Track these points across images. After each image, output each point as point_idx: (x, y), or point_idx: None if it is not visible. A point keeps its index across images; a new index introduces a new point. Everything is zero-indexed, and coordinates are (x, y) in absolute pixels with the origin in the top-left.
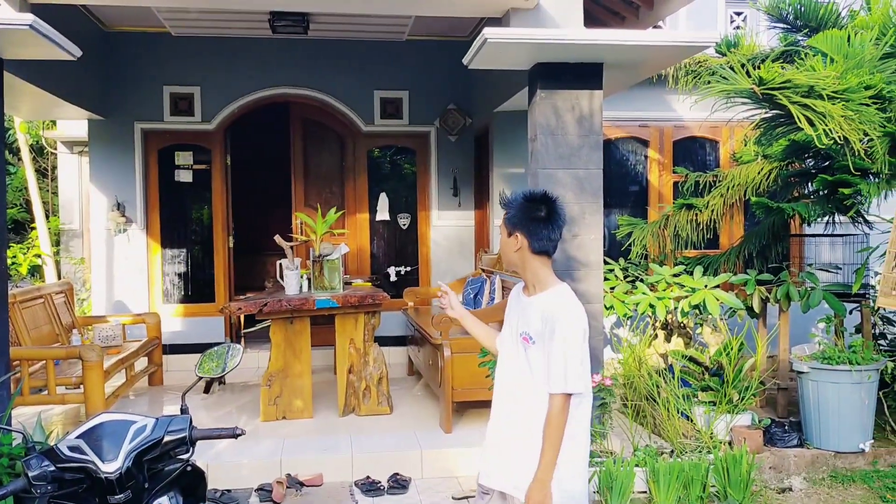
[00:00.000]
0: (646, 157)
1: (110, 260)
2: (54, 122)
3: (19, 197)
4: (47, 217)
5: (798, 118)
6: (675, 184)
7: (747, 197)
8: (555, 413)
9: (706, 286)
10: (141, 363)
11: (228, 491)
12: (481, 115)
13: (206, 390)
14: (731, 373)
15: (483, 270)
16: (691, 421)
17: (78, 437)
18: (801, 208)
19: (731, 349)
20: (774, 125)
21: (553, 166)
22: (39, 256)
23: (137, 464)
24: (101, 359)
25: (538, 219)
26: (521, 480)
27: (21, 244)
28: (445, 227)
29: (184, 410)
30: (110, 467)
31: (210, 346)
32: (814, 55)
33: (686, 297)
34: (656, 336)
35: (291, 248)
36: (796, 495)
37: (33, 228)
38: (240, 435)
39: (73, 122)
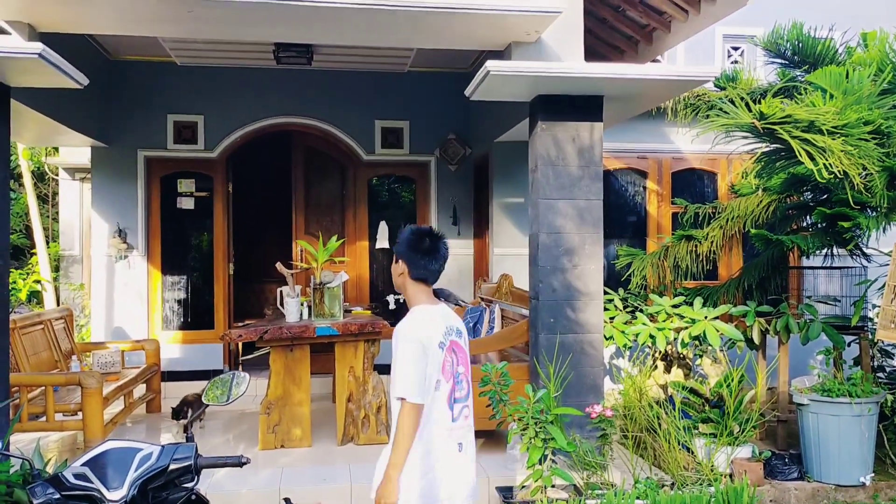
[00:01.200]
0: (644, 188)
1: (110, 286)
2: (56, 149)
3: (20, 223)
4: (47, 243)
5: (799, 153)
6: (674, 215)
7: (746, 229)
8: (399, 417)
9: (706, 317)
10: (140, 390)
11: None
12: (481, 145)
13: (179, 416)
14: (731, 405)
15: (482, 299)
16: (692, 453)
17: (83, 465)
18: (800, 241)
19: (732, 381)
20: (775, 159)
21: (553, 196)
22: (39, 282)
23: (142, 492)
24: (100, 385)
25: (420, 250)
26: (377, 479)
27: (21, 270)
28: None
29: (189, 438)
30: (115, 495)
31: (209, 373)
32: (813, 91)
33: (686, 328)
34: (656, 367)
35: (292, 275)
36: None
37: (33, 254)
38: (245, 463)
39: (75, 149)
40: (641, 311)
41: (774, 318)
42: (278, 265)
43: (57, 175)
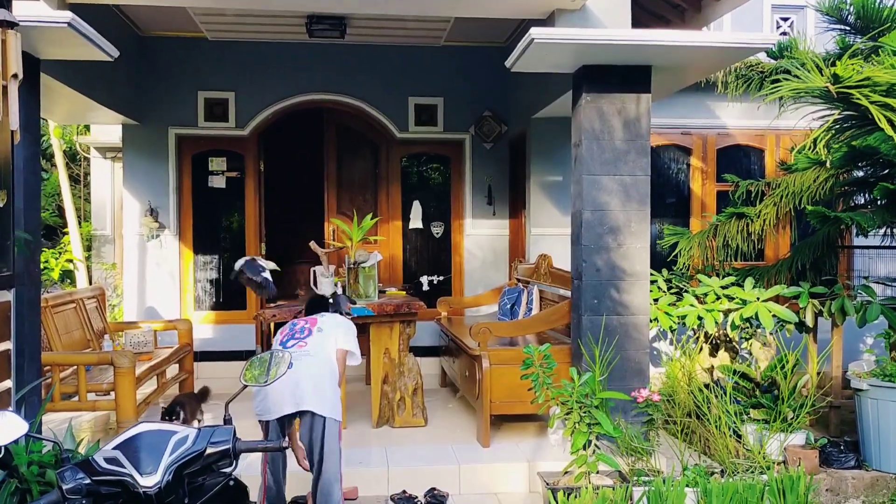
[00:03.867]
0: (688, 165)
1: (142, 265)
2: (88, 128)
3: (52, 202)
4: (79, 223)
5: (878, 118)
6: (719, 193)
7: (801, 206)
8: None
9: (758, 299)
10: (172, 370)
11: None
12: (517, 122)
13: (172, 417)
14: (786, 389)
15: (518, 280)
16: (741, 440)
17: (115, 448)
18: (861, 218)
19: (787, 364)
20: (846, 127)
21: (598, 172)
22: (71, 262)
23: (177, 477)
24: (133, 365)
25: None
26: None
27: (53, 249)
28: (479, 236)
29: (227, 421)
30: (149, 481)
31: (242, 354)
32: (893, 54)
33: (737, 309)
34: (701, 350)
35: (326, 254)
36: None
37: (65, 233)
38: (286, 448)
39: (107, 128)
40: (686, 291)
41: (829, 299)
42: (312, 244)
43: (88, 154)
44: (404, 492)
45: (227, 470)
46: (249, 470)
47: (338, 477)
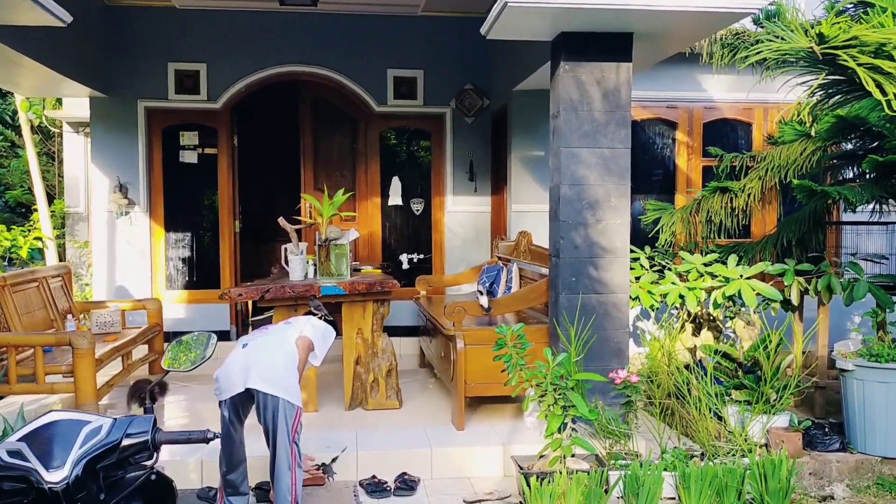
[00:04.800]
0: (673, 140)
1: (112, 243)
2: (60, 101)
3: (26, 179)
4: (52, 200)
5: (865, 81)
6: (705, 169)
7: (787, 180)
8: None
9: (741, 276)
10: (142, 351)
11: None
12: (499, 95)
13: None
14: (769, 370)
15: (499, 258)
16: (723, 421)
17: (21, 440)
18: (848, 192)
19: (770, 344)
20: (833, 92)
21: (576, 144)
22: (40, 240)
23: (91, 471)
24: (91, 346)
25: None
26: None
27: (23, 227)
28: (460, 213)
29: (147, 410)
30: (55, 476)
31: (216, 334)
32: (882, 12)
33: (719, 287)
34: (683, 329)
35: (296, 231)
36: None
37: (36, 210)
38: (211, 439)
39: (79, 102)
40: (669, 269)
41: (815, 277)
42: (281, 220)
43: (60, 129)
44: (374, 477)
45: (148, 462)
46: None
47: (289, 464)
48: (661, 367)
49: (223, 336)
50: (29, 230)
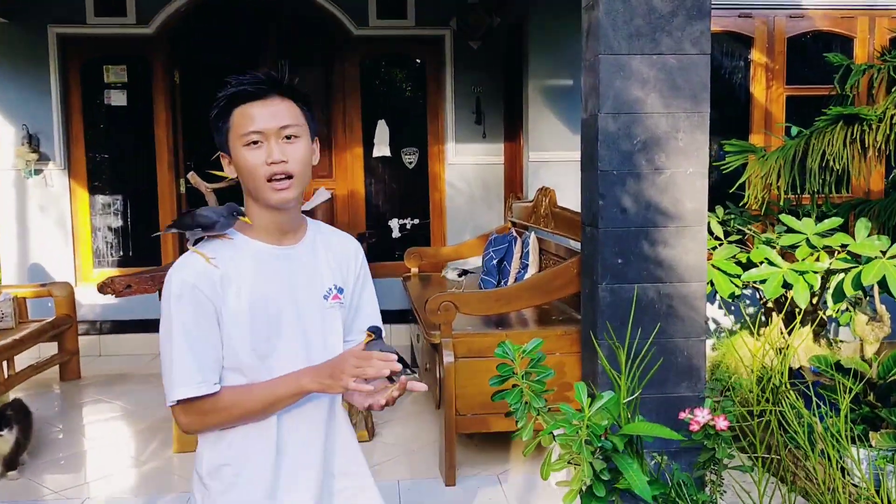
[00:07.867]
0: (747, 61)
1: (21, 210)
2: None
3: None
4: None
5: None
6: (790, 99)
7: None
8: None
9: (884, 253)
10: (51, 349)
11: None
12: (513, 10)
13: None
14: None
15: (513, 224)
16: (845, 472)
17: None
18: None
19: None
20: None
21: (623, 50)
22: None
23: None
24: None
25: None
26: None
27: None
28: (465, 165)
29: None
30: None
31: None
32: None
33: (845, 270)
34: (768, 323)
35: (211, 190)
36: None
37: None
38: None
39: None
40: (754, 238)
41: None
42: (191, 175)
43: None
44: None
45: None
46: None
47: None
48: (747, 384)
49: None
50: None
